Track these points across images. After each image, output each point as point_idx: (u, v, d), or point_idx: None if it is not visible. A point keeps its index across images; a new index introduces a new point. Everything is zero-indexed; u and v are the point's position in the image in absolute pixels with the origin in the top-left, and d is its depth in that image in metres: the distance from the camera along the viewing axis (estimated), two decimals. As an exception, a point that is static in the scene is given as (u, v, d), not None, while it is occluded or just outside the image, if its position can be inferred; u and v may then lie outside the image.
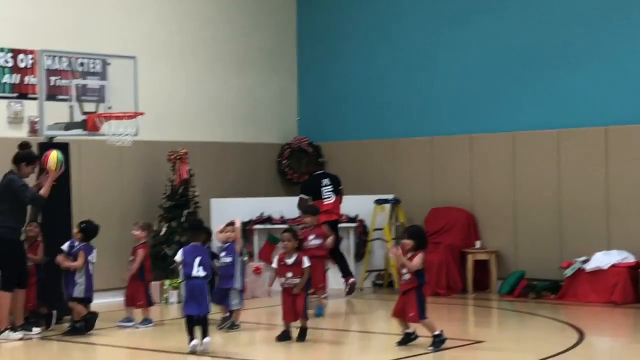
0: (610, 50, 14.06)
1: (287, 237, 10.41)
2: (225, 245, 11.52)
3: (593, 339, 10.83)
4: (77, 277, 11.05)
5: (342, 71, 16.75)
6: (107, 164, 14.36)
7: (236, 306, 11.37)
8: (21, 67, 13.56)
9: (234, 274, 11.33)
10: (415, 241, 9.98)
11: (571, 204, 14.23)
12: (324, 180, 14.49)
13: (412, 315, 9.85)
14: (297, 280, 10.21)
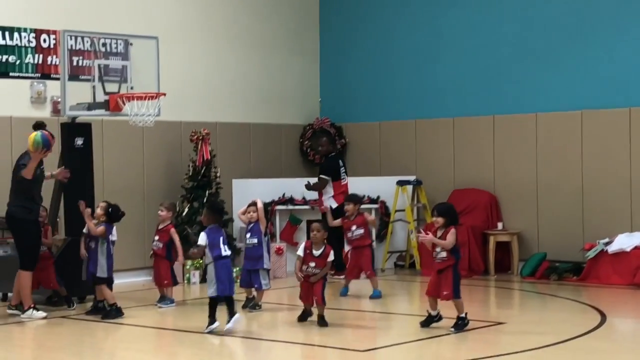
0: (634, 31, 13.95)
1: (317, 227, 10.30)
2: (249, 226, 11.53)
3: (615, 321, 10.79)
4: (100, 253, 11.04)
5: (364, 52, 16.71)
6: (129, 144, 14.40)
7: (266, 286, 11.38)
8: (44, 47, 13.60)
9: (262, 255, 11.33)
10: (445, 218, 9.92)
11: (594, 185, 14.17)
12: (340, 161, 14.55)
13: (446, 293, 9.81)
14: (319, 271, 10.18)
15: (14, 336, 10.40)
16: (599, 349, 9.16)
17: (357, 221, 12.54)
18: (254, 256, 11.37)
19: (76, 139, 12.17)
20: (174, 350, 9.47)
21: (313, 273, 10.15)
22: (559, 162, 14.49)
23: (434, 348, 9.32)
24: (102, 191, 13.21)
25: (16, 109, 13.35)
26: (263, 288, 11.39)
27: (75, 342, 9.89)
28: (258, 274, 11.37)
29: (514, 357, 8.66)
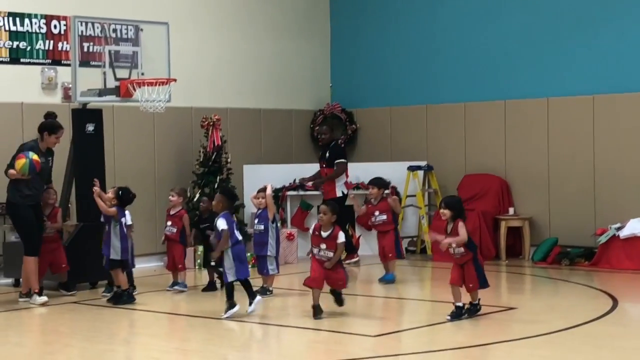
0: (647, 15, 13.91)
1: (324, 210, 10.08)
2: (257, 212, 11.57)
3: (627, 306, 10.78)
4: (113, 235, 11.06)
5: (375, 37, 16.68)
6: (140, 130, 14.42)
7: (272, 272, 11.43)
8: (54, 33, 13.61)
9: (267, 241, 11.38)
10: (453, 211, 9.85)
11: (605, 170, 14.14)
12: None
13: (472, 286, 9.79)
14: (331, 254, 9.90)
15: (26, 322, 10.44)
16: (611, 333, 9.15)
17: (381, 207, 12.46)
18: (260, 242, 11.44)
19: (87, 125, 12.18)
20: (186, 336, 9.49)
21: (327, 257, 9.96)
22: (571, 147, 14.46)
23: (445, 333, 9.33)
24: (113, 177, 13.24)
25: (27, 95, 13.37)
26: (269, 274, 11.43)
27: (88, 328, 9.92)
28: (265, 260, 11.43)
29: (526, 342, 8.66)
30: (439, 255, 14.61)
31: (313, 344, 9.07)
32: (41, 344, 9.29)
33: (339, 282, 10.02)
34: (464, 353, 8.33)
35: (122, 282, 11.12)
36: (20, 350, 8.91)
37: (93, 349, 8.80)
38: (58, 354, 8.78)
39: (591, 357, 8.08)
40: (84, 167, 12.07)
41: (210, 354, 8.62)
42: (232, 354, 8.70)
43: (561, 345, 8.60)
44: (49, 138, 11.31)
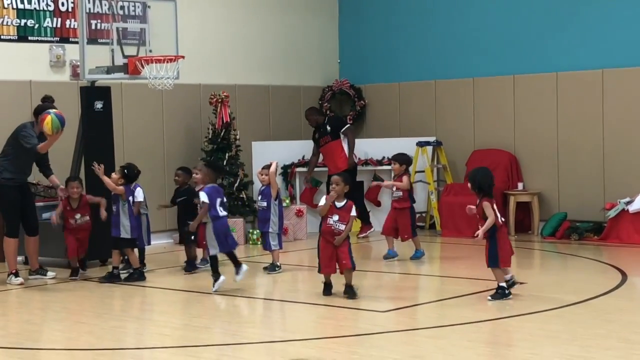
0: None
1: (336, 180, 9.76)
2: (261, 188, 11.61)
3: (636, 280, 10.78)
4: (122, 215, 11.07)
5: (383, 13, 16.62)
6: (148, 107, 14.42)
7: (274, 247, 11.49)
8: (62, 11, 13.60)
9: (269, 218, 11.42)
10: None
11: (614, 144, 14.11)
12: None
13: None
14: (342, 227, 9.60)
15: (36, 299, 10.48)
16: (620, 308, 9.16)
17: (396, 182, 12.41)
18: (263, 218, 11.53)
19: (95, 103, 12.18)
20: (197, 312, 9.52)
21: (338, 230, 9.57)
22: (580, 121, 14.42)
23: (455, 308, 9.34)
24: (122, 154, 13.26)
25: (35, 73, 13.38)
26: (272, 249, 11.50)
27: (99, 305, 9.96)
28: (267, 236, 11.50)
29: (535, 317, 8.68)
30: (448, 231, 14.64)
31: (322, 319, 9.09)
32: (51, 322, 9.34)
33: (342, 262, 9.69)
34: (474, 328, 8.34)
35: (133, 260, 11.15)
36: (30, 328, 8.95)
37: (104, 326, 8.83)
38: (68, 331, 8.83)
39: (601, 331, 8.09)
40: (92, 145, 12.08)
41: (219, 330, 8.66)
42: (242, 329, 8.73)
43: (571, 319, 8.61)
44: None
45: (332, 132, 14.48)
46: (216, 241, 10.25)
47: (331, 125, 14.57)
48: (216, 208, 10.23)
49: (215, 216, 10.23)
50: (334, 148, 14.50)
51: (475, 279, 10.63)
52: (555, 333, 8.06)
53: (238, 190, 14.52)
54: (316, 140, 14.76)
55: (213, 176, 10.53)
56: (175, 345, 8.17)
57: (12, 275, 11.16)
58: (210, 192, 10.28)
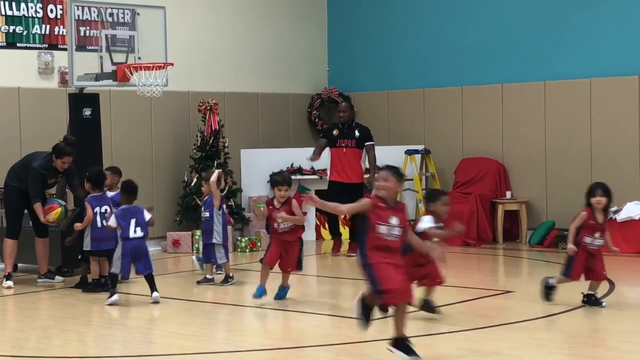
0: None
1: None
2: (205, 199, 11.42)
3: (623, 289, 10.80)
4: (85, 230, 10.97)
5: (372, 21, 16.65)
6: (137, 114, 14.40)
7: (220, 260, 11.20)
8: (51, 18, 13.58)
9: (212, 229, 11.15)
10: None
11: (602, 153, 14.15)
12: None
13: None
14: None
15: (25, 306, 10.44)
16: (608, 316, 9.17)
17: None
18: (206, 230, 11.25)
19: (84, 110, 12.16)
20: (184, 320, 9.50)
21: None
22: (568, 130, 14.46)
23: (443, 317, 9.33)
24: (110, 162, 13.21)
25: (24, 79, 13.35)
26: (217, 262, 11.21)
27: (85, 312, 9.93)
28: (211, 247, 11.21)
29: (523, 325, 8.68)
30: (436, 239, 14.63)
31: (311, 327, 9.09)
32: (38, 329, 9.30)
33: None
34: (463, 337, 8.35)
35: (94, 271, 11.00)
36: (17, 335, 8.92)
37: (90, 334, 8.80)
38: (55, 338, 8.80)
39: (589, 340, 8.10)
40: (80, 152, 12.04)
41: (207, 338, 8.64)
42: (231, 338, 8.72)
43: (559, 328, 8.62)
44: (56, 161, 11.37)
45: (359, 139, 13.46)
46: (120, 262, 10.09)
47: (360, 132, 13.51)
48: (128, 229, 10.09)
49: (125, 237, 10.10)
50: (355, 157, 13.51)
51: (463, 287, 10.63)
52: (544, 342, 8.06)
53: (227, 197, 14.48)
54: (332, 137, 13.58)
55: (125, 197, 10.37)
56: (163, 354, 8.14)
57: (5, 278, 11.20)
58: (119, 214, 10.21)
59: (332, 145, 13.52)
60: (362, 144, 13.46)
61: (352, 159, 13.47)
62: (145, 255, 10.23)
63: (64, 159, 11.36)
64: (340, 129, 13.51)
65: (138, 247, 10.17)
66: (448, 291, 9.90)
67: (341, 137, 13.47)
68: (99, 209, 10.93)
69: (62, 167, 11.41)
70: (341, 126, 13.52)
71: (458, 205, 14.61)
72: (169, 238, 14.19)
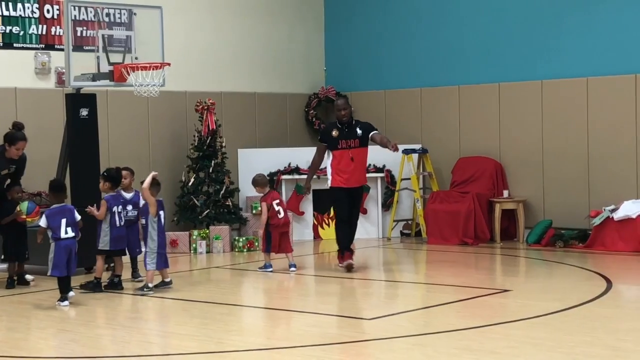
0: (641, -3, 13.90)
1: None
2: (142, 205, 11.21)
3: (621, 287, 10.81)
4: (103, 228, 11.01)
5: (369, 20, 16.66)
6: (134, 114, 14.40)
7: (150, 267, 10.79)
8: (47, 18, 13.57)
9: (147, 235, 10.84)
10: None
11: (599, 152, 14.16)
12: None
13: None
14: None
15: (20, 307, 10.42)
16: (605, 315, 9.18)
17: None
18: (144, 236, 11.00)
19: (81, 110, 12.16)
20: (181, 320, 9.50)
21: None
22: (565, 129, 14.47)
23: (441, 315, 9.35)
24: (107, 162, 13.21)
25: (21, 80, 13.34)
26: (147, 269, 10.83)
27: (85, 313, 9.92)
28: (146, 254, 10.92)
29: (520, 324, 8.69)
30: (434, 238, 14.65)
31: (308, 327, 9.08)
32: (35, 330, 9.29)
33: None
34: (460, 335, 8.35)
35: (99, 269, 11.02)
36: (14, 336, 8.91)
37: (87, 334, 8.80)
38: (52, 338, 8.79)
39: (586, 338, 8.10)
40: (78, 152, 12.05)
41: (205, 338, 8.63)
42: (228, 337, 8.72)
43: (556, 327, 8.63)
44: (9, 149, 11.30)
45: (362, 137, 12.21)
46: (54, 263, 10.03)
47: (362, 129, 12.24)
48: (59, 229, 10.04)
49: (56, 238, 10.05)
50: (362, 157, 12.27)
51: (461, 286, 10.64)
52: (541, 340, 8.06)
53: (224, 197, 14.51)
54: (332, 139, 12.21)
55: (54, 197, 10.29)
56: (161, 354, 8.14)
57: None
58: (49, 214, 10.14)
59: (333, 148, 12.17)
60: (366, 140, 12.22)
61: (359, 161, 12.21)
62: (74, 257, 10.16)
63: (17, 145, 11.30)
64: (340, 129, 12.17)
65: (71, 246, 10.11)
66: (446, 290, 9.91)
67: (342, 137, 12.15)
68: (117, 208, 10.95)
69: (17, 154, 11.29)
70: (340, 125, 12.19)
71: (455, 204, 14.64)
72: (167, 238, 14.17)
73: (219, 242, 14.04)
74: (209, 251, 14.02)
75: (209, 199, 14.39)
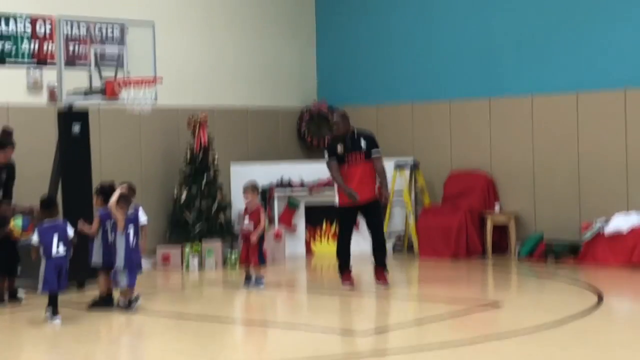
0: (630, 12, 13.95)
1: None
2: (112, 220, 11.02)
3: (612, 301, 10.84)
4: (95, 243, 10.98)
5: (360, 35, 16.70)
6: (126, 130, 14.41)
7: (121, 285, 10.62)
8: (40, 34, 13.58)
9: (117, 252, 10.65)
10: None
11: (590, 165, 14.20)
12: None
13: None
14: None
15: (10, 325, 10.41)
16: (597, 329, 9.21)
17: None
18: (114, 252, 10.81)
19: (73, 126, 12.17)
20: (175, 336, 9.50)
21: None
22: (555, 143, 14.52)
23: (433, 329, 9.37)
24: (99, 178, 13.20)
25: (13, 96, 13.33)
26: (118, 286, 10.68)
27: (77, 329, 9.92)
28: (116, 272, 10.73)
29: (512, 338, 8.71)
30: (426, 253, 14.66)
31: (300, 343, 9.09)
32: (28, 346, 9.29)
33: None
34: (451, 351, 8.37)
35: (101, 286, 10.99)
36: (5, 354, 8.90)
37: (81, 350, 8.80)
38: (45, 355, 8.78)
39: (578, 352, 8.13)
40: (70, 169, 12.06)
41: (197, 355, 8.64)
42: (221, 354, 8.72)
43: (548, 341, 8.65)
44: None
45: (367, 150, 11.81)
46: (44, 279, 10.00)
47: (366, 141, 11.89)
48: (51, 246, 10.02)
49: (48, 255, 10.04)
50: (368, 171, 11.78)
51: (453, 301, 10.66)
52: (532, 355, 8.09)
53: (216, 212, 14.51)
54: (339, 156, 11.81)
55: (44, 213, 10.28)
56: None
57: None
58: (41, 230, 10.14)
59: (339, 163, 11.77)
60: (370, 153, 11.81)
61: (366, 173, 11.72)
62: (65, 273, 10.13)
63: (6, 150, 11.31)
64: (344, 143, 11.80)
65: (62, 263, 10.09)
66: (438, 304, 9.93)
67: (347, 151, 11.75)
68: (109, 223, 10.77)
69: (5, 159, 11.28)
70: (343, 139, 11.83)
71: (447, 218, 14.66)
72: (159, 254, 14.18)
73: (212, 258, 14.03)
74: (201, 267, 14.01)
75: (201, 214, 14.39)
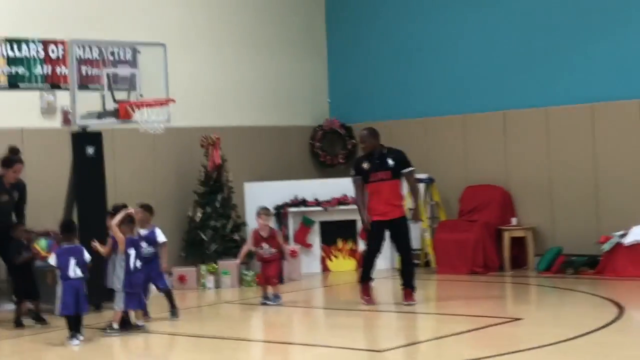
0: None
1: None
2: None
3: (633, 313, 10.75)
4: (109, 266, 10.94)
5: (372, 51, 16.70)
6: (140, 151, 14.41)
7: (118, 308, 10.47)
8: (52, 58, 13.61)
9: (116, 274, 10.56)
10: None
11: (607, 177, 14.13)
12: None
13: None
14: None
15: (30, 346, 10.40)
16: (617, 342, 9.13)
17: None
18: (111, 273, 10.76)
19: (87, 148, 12.19)
20: (191, 356, 9.46)
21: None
22: (572, 155, 14.45)
23: (453, 346, 9.30)
24: (114, 200, 13.20)
25: (27, 120, 13.36)
26: (115, 308, 10.51)
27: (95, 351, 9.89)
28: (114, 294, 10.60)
29: (533, 353, 8.64)
30: (443, 268, 14.59)
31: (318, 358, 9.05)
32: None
33: None
34: (472, 366, 8.31)
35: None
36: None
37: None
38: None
39: (599, 366, 8.06)
40: (84, 191, 12.06)
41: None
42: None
43: (569, 355, 8.58)
44: (6, 173, 11.33)
45: (394, 167, 11.67)
46: (62, 301, 9.99)
47: (395, 160, 11.72)
48: (67, 268, 10.01)
49: (65, 277, 10.02)
50: (394, 188, 11.67)
51: (472, 316, 10.59)
52: (554, 369, 8.02)
53: (231, 231, 14.49)
54: (365, 172, 11.66)
55: (63, 237, 10.30)
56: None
57: None
58: (59, 253, 10.14)
59: (365, 181, 11.62)
60: (399, 172, 11.67)
61: (392, 191, 11.62)
62: (83, 296, 10.09)
63: (15, 167, 11.34)
64: (371, 161, 11.65)
65: (78, 286, 10.06)
66: (457, 320, 9.87)
67: (374, 169, 11.60)
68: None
69: (14, 177, 11.31)
70: (370, 157, 11.68)
71: (464, 233, 14.59)
72: (175, 274, 14.15)
73: (228, 277, 14.00)
74: (217, 286, 13.97)
75: (216, 234, 14.37)
